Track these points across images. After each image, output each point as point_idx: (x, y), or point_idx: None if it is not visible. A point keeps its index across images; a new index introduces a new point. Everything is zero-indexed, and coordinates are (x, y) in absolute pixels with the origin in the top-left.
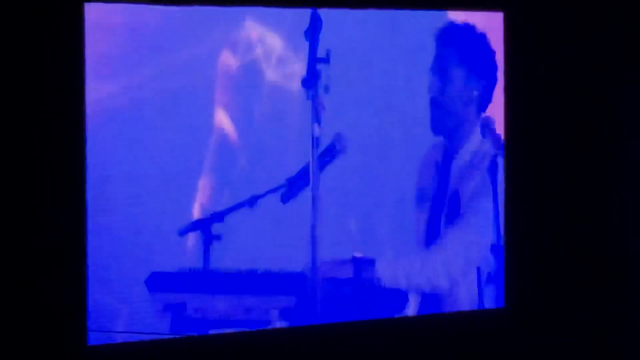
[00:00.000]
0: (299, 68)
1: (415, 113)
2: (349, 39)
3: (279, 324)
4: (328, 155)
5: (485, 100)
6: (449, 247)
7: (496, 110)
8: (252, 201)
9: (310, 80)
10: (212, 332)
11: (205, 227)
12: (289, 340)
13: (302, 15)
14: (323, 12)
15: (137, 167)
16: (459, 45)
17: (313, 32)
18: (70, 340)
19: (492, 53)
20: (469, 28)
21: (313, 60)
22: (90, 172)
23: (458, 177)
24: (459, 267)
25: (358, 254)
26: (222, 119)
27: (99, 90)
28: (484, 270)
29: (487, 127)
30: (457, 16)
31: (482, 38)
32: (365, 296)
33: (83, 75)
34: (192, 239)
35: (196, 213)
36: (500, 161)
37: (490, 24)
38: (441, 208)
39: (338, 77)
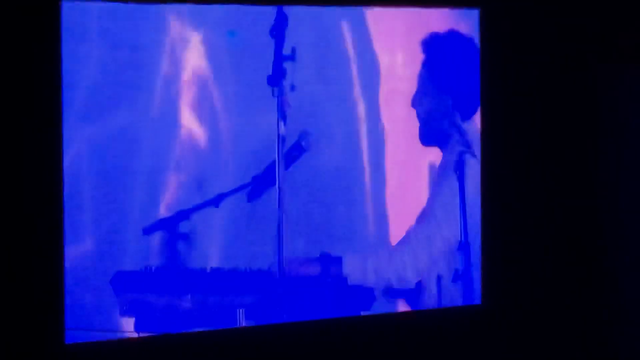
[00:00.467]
0: (265, 66)
1: (381, 111)
2: (315, 37)
3: (246, 323)
4: (294, 153)
5: (471, 106)
6: (417, 244)
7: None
8: (218, 200)
9: (276, 78)
10: (179, 331)
11: (171, 225)
12: (256, 339)
13: (268, 13)
14: (288, 10)
15: (103, 164)
16: (442, 54)
17: (278, 29)
18: (48, 339)
19: (476, 54)
20: (452, 35)
21: (279, 58)
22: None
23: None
24: (426, 265)
25: (325, 252)
26: (187, 118)
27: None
28: (452, 268)
29: (454, 124)
30: (440, 24)
31: (468, 42)
32: (333, 294)
33: (60, 74)
34: (158, 238)
35: (161, 212)
36: (468, 158)
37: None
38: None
39: (304, 74)
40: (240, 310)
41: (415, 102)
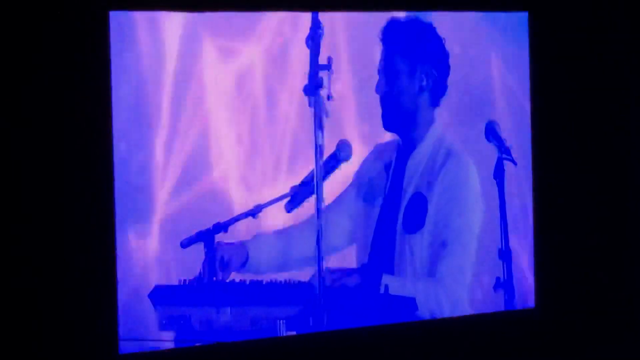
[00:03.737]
0: (301, 75)
1: None
2: (351, 45)
3: (286, 334)
4: (332, 162)
5: (439, 91)
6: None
7: (502, 113)
8: (255, 211)
9: (312, 88)
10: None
11: (208, 238)
12: (297, 348)
13: (304, 21)
14: (324, 18)
15: (137, 177)
16: (403, 40)
17: (314, 38)
18: (102, 350)
19: (440, 41)
20: (413, 21)
21: (315, 67)
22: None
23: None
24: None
25: (365, 262)
26: (224, 129)
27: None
28: (494, 275)
29: (491, 131)
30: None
31: (428, 28)
32: (374, 303)
33: (109, 84)
34: (196, 250)
35: (199, 224)
36: (507, 165)
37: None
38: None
39: (341, 83)
40: (281, 321)
41: (379, 88)
